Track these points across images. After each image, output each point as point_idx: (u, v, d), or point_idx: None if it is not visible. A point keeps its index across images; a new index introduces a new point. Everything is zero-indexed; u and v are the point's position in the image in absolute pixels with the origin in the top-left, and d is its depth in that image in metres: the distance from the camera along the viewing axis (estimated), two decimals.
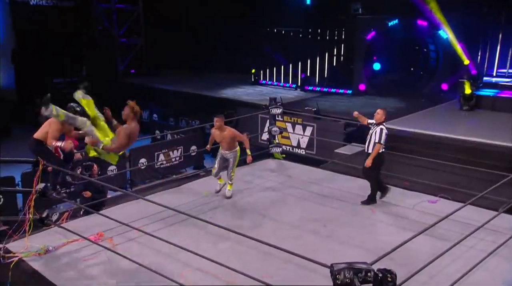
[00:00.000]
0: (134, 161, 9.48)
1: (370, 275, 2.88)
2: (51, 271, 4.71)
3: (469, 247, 5.46)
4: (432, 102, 12.46)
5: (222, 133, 6.70)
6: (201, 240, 5.42)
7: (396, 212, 6.54)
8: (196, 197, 6.93)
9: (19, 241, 5.17)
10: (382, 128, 6.49)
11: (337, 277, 2.89)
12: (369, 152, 6.54)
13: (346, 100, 13.16)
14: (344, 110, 11.68)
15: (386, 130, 6.52)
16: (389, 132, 6.70)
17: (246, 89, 14.77)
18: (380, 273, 2.69)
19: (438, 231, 5.40)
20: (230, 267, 4.17)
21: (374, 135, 6.50)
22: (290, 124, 10.88)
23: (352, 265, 2.97)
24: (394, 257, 4.76)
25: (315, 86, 14.49)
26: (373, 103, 12.72)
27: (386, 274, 2.68)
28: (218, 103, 13.16)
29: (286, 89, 14.98)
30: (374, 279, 2.71)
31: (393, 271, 2.74)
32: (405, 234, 5.64)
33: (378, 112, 6.61)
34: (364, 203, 6.64)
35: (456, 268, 5.00)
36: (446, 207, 6.54)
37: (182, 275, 4.67)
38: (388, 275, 2.66)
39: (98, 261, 4.95)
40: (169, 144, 10.78)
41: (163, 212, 6.20)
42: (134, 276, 4.62)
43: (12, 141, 13.84)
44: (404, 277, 4.49)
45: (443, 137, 9.34)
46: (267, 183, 7.52)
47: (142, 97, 15.39)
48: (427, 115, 11.35)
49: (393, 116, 11.04)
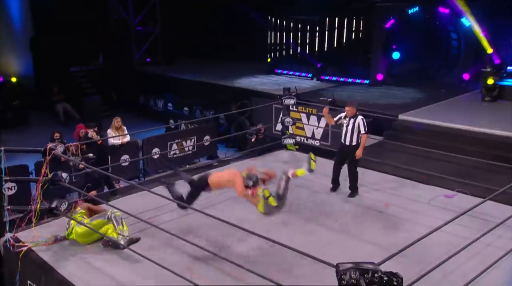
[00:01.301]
0: (147, 150, 9.45)
1: (377, 276, 2.75)
2: (60, 261, 4.71)
3: (486, 244, 5.25)
4: (453, 93, 12.10)
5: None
6: (210, 233, 5.34)
7: (412, 207, 6.36)
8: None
9: (28, 231, 5.19)
10: (362, 118, 6.52)
11: (342, 278, 2.78)
12: (350, 144, 6.54)
13: (363, 90, 12.88)
14: (361, 101, 11.40)
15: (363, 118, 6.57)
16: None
17: (261, 79, 14.58)
18: (386, 276, 2.55)
19: (455, 227, 5.16)
20: (241, 265, 4.05)
21: (356, 127, 6.48)
22: (305, 115, 10.69)
23: (359, 265, 2.84)
24: (407, 254, 4.62)
25: (332, 76, 14.22)
26: (391, 93, 12.43)
27: (392, 277, 2.54)
28: (232, 93, 13.03)
29: (302, 78, 14.75)
30: (379, 282, 2.58)
31: (399, 275, 2.60)
32: (420, 229, 5.48)
33: (348, 109, 6.55)
34: (352, 195, 6.58)
35: (471, 266, 4.82)
36: (463, 202, 6.33)
37: (189, 268, 4.62)
38: (394, 278, 2.52)
39: (106, 252, 4.92)
40: (183, 134, 10.72)
41: (170, 204, 6.16)
42: (141, 268, 4.58)
43: (29, 129, 14.02)
44: (417, 275, 4.37)
45: (463, 130, 9.04)
46: (279, 174, 7.37)
47: (157, 86, 15.45)
48: (447, 106, 11.02)
49: (411, 107, 10.79)
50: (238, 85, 13.67)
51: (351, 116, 6.53)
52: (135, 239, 4.99)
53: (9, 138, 12.34)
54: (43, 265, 4.63)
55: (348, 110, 6.56)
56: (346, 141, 6.59)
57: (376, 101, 11.41)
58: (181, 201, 5.03)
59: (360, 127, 6.47)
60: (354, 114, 6.52)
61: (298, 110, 10.64)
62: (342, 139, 6.70)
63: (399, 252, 3.92)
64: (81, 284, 4.31)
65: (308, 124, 10.61)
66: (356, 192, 6.63)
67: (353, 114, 6.53)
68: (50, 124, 13.91)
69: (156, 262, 4.33)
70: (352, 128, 6.51)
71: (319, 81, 14.22)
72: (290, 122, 8.53)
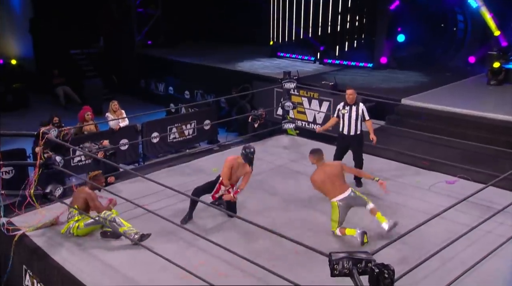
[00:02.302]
0: (146, 134, 9.36)
1: (371, 266, 2.68)
2: (54, 247, 4.68)
3: (486, 231, 5.18)
4: (458, 77, 11.86)
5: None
6: (207, 220, 5.28)
7: (411, 193, 6.27)
8: (204, 174, 6.78)
9: (23, 216, 5.15)
10: (363, 105, 6.29)
11: (335, 267, 2.70)
12: (355, 134, 6.27)
13: (366, 74, 12.66)
14: (363, 85, 11.24)
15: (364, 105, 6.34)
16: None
17: (263, 62, 14.38)
18: (377, 268, 2.47)
19: (455, 214, 5.09)
20: (236, 253, 3.99)
21: (360, 114, 6.21)
22: (306, 99, 10.53)
23: (352, 254, 2.77)
24: (406, 241, 4.57)
25: (335, 59, 13.98)
26: (395, 77, 12.22)
27: (383, 269, 2.46)
28: (233, 77, 12.85)
29: (304, 62, 14.52)
30: (370, 274, 2.50)
31: (391, 266, 2.52)
32: (419, 216, 5.39)
33: (350, 94, 6.24)
34: (360, 185, 6.30)
35: (470, 254, 4.75)
36: (465, 188, 6.23)
37: (184, 253, 4.57)
38: (385, 270, 2.44)
39: (101, 238, 4.88)
40: (182, 117, 10.59)
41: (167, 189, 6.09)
42: (135, 255, 4.54)
43: (30, 112, 13.90)
44: (415, 262, 4.31)
45: (467, 114, 8.87)
46: (278, 160, 7.31)
47: (158, 70, 15.28)
48: (451, 90, 10.82)
49: (415, 91, 10.61)
50: (240, 68, 13.49)
51: (351, 103, 6.21)
52: (146, 235, 4.72)
53: (9, 122, 12.26)
54: (37, 251, 4.60)
55: (350, 94, 6.21)
56: (350, 131, 6.22)
57: (379, 85, 11.23)
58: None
59: (364, 114, 6.19)
60: (355, 102, 6.23)
61: (299, 94, 10.48)
62: (342, 129, 6.29)
63: (397, 239, 3.85)
64: (75, 270, 4.28)
65: (309, 108, 10.46)
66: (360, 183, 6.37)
67: (353, 101, 6.22)
68: (51, 108, 13.81)
69: (150, 249, 4.28)
70: (355, 116, 6.17)
71: (321, 65, 14.00)
72: (290, 106, 8.41)
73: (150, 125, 9.58)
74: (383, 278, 2.41)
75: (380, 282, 2.41)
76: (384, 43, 13.26)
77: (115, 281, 4.15)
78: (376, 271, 2.45)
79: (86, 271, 4.27)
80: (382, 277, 2.41)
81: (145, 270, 4.31)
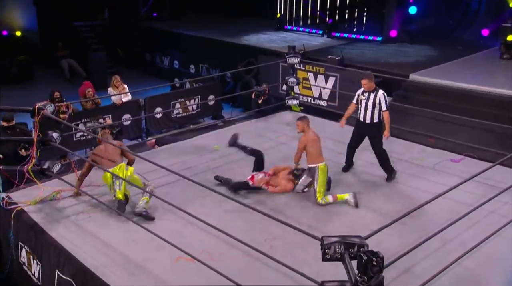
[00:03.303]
0: (149, 109, 9.27)
1: (363, 251, 2.60)
2: (51, 223, 4.67)
3: (490, 211, 5.07)
4: (470, 50, 11.51)
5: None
6: (206, 199, 5.22)
7: (415, 171, 6.16)
8: (206, 151, 6.71)
9: (21, 191, 5.15)
10: (383, 93, 5.82)
11: (326, 252, 2.63)
12: (371, 122, 5.85)
13: (375, 48, 12.33)
14: (371, 60, 10.97)
15: (385, 94, 5.86)
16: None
17: (270, 36, 14.07)
18: (365, 255, 2.39)
19: (459, 193, 4.91)
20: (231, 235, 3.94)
21: (377, 102, 5.76)
22: (312, 74, 10.30)
23: (345, 238, 2.69)
24: (407, 221, 4.49)
25: (343, 33, 13.64)
26: (404, 51, 11.90)
27: (372, 257, 2.38)
28: (238, 51, 12.59)
29: (312, 35, 14.19)
30: (358, 261, 2.43)
31: (380, 254, 2.44)
32: (421, 196, 5.30)
33: (365, 83, 5.84)
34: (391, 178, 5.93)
35: (472, 234, 4.66)
36: (470, 166, 6.12)
37: (180, 232, 4.54)
38: (374, 258, 2.36)
39: (98, 215, 4.86)
40: (186, 93, 10.46)
41: (169, 166, 6.04)
42: (133, 233, 4.51)
43: (35, 84, 13.82)
44: (415, 242, 4.24)
45: (477, 90, 8.61)
46: (280, 137, 7.19)
47: (163, 43, 15.05)
48: (462, 65, 10.50)
49: (424, 66, 10.32)
50: (246, 42, 13.21)
51: (369, 90, 5.84)
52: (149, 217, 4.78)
53: (13, 95, 12.27)
54: (34, 227, 4.60)
55: (364, 84, 5.83)
56: (366, 118, 5.86)
57: (387, 60, 10.93)
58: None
59: (381, 103, 5.77)
60: (373, 89, 5.85)
61: (305, 69, 10.26)
62: (359, 116, 5.98)
63: (397, 220, 3.77)
64: (71, 247, 4.28)
65: (315, 84, 10.25)
66: (393, 173, 5.91)
67: (371, 88, 5.84)
68: (55, 81, 13.76)
69: (145, 228, 4.26)
70: (372, 104, 5.79)
71: (329, 39, 13.67)
72: (294, 82, 8.23)
73: (153, 100, 9.49)
74: (371, 266, 2.34)
75: (368, 269, 2.34)
76: (394, 15, 12.85)
77: (110, 259, 4.15)
78: (365, 258, 2.37)
79: (82, 248, 4.27)
80: (371, 264, 2.34)
81: (141, 249, 4.30)
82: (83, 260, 4.08)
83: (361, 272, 2.38)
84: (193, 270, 3.95)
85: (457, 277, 4.10)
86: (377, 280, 2.33)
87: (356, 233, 4.52)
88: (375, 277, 2.33)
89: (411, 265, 4.20)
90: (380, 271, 2.36)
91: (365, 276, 2.34)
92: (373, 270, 2.32)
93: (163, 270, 4.04)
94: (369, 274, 2.34)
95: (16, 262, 4.90)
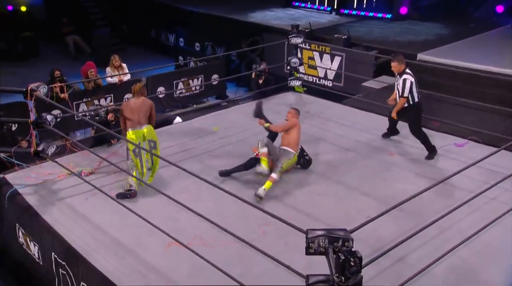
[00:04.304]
0: (151, 89, 9.17)
1: (348, 245, 2.53)
2: (45, 206, 4.68)
3: (490, 198, 4.94)
4: (482, 28, 11.13)
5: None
6: (201, 183, 5.15)
7: (416, 156, 6.02)
8: (205, 133, 6.64)
9: (17, 172, 5.16)
10: (405, 79, 5.74)
11: (310, 246, 2.56)
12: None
13: (384, 26, 11.99)
14: (378, 38, 10.68)
15: (411, 79, 5.76)
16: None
17: (277, 13, 13.74)
18: (343, 255, 2.32)
19: (459, 179, 4.76)
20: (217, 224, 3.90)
21: (397, 87, 5.82)
22: (318, 54, 10.07)
23: (330, 232, 2.62)
24: (405, 207, 4.40)
25: (352, 10, 13.28)
26: (414, 29, 11.55)
27: (349, 256, 2.30)
28: (243, 29, 12.34)
29: (320, 12, 13.83)
30: (335, 261, 2.35)
31: (358, 253, 2.36)
32: (420, 181, 5.20)
33: (394, 66, 5.86)
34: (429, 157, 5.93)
35: (471, 222, 4.56)
36: (474, 151, 5.97)
37: (173, 217, 4.52)
38: (352, 258, 2.29)
39: (93, 198, 4.85)
40: (189, 72, 10.32)
41: (168, 148, 6.01)
42: (127, 217, 4.49)
43: (40, 61, 13.72)
44: (411, 230, 4.17)
45: (486, 71, 8.32)
46: (281, 119, 7.03)
47: (169, 20, 14.81)
48: (473, 43, 10.16)
49: (434, 44, 10.02)
50: (252, 19, 12.93)
51: (398, 72, 5.86)
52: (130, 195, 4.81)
53: (17, 71, 12.26)
54: (28, 209, 4.61)
55: (394, 67, 5.87)
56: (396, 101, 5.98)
57: (395, 39, 10.62)
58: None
59: (400, 88, 5.78)
60: (402, 71, 5.84)
61: (310, 48, 10.03)
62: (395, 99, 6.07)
63: (393, 208, 3.68)
64: (64, 231, 4.28)
65: (321, 63, 10.03)
66: (433, 152, 5.94)
67: (399, 70, 5.85)
68: (61, 58, 13.67)
69: (138, 214, 4.23)
70: (396, 87, 5.87)
71: (338, 16, 13.33)
72: (296, 63, 8.04)
73: (155, 79, 9.39)
74: (349, 266, 2.26)
75: (345, 270, 2.26)
76: None
77: (102, 243, 4.15)
78: (342, 258, 2.30)
79: (75, 232, 4.27)
80: (348, 264, 2.26)
81: (134, 234, 4.28)
82: (75, 244, 4.08)
83: (339, 272, 2.31)
84: (184, 255, 3.93)
85: (451, 266, 4.03)
86: (355, 280, 2.26)
87: (350, 219, 4.55)
88: (353, 278, 2.26)
89: (405, 253, 4.14)
90: (358, 272, 2.28)
91: (343, 276, 2.27)
92: (351, 271, 2.25)
93: (154, 255, 4.04)
94: (346, 275, 2.27)
95: (16, 242, 4.94)
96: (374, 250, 4.08)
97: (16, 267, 4.94)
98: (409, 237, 3.92)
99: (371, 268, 3.59)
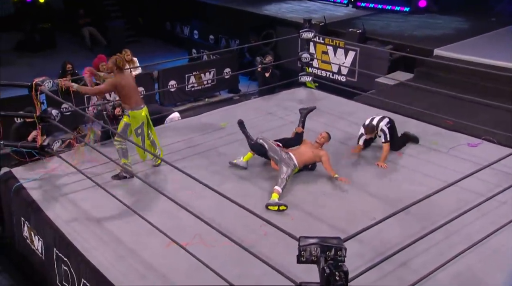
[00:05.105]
0: (163, 82, 9.17)
1: (341, 254, 2.46)
2: (49, 201, 4.70)
3: (501, 202, 4.78)
4: (504, 22, 10.78)
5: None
6: (207, 177, 5.15)
7: (427, 156, 5.86)
8: (212, 129, 6.59)
9: (24, 166, 5.21)
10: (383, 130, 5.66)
11: (302, 254, 2.50)
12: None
13: (401, 19, 11.71)
14: (395, 33, 10.44)
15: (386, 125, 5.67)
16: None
17: (292, 5, 13.56)
18: (328, 269, 2.24)
19: (470, 181, 4.53)
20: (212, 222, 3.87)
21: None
22: (332, 48, 9.91)
23: (323, 240, 2.55)
24: (411, 210, 4.29)
25: (369, 3, 13.00)
26: (432, 23, 11.25)
27: (334, 271, 2.22)
28: (257, 21, 12.20)
29: (336, 5, 13.59)
30: (321, 274, 2.27)
31: (345, 267, 2.28)
32: (429, 182, 5.06)
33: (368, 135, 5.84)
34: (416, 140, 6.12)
35: (479, 227, 4.41)
36: (488, 152, 5.76)
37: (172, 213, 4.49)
38: (337, 272, 2.21)
39: (96, 194, 4.87)
40: (201, 65, 10.28)
41: (172, 144, 6.00)
42: (129, 215, 4.48)
43: (57, 52, 13.80)
44: (416, 233, 4.07)
45: (504, 67, 8.06)
46: (290, 116, 6.95)
47: (183, 11, 14.76)
48: (493, 39, 9.87)
49: (452, 39, 9.75)
50: (267, 12, 12.78)
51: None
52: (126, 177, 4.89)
53: (34, 63, 12.40)
54: (32, 204, 4.65)
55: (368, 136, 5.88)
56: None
57: (412, 33, 10.35)
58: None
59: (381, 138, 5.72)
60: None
61: (324, 42, 9.87)
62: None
63: (400, 211, 3.59)
64: (65, 227, 4.30)
65: (335, 57, 9.87)
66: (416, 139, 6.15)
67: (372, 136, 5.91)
68: (78, 49, 13.75)
69: (138, 213, 4.22)
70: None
71: (354, 9, 13.07)
72: (307, 58, 7.90)
73: (167, 72, 9.38)
74: (333, 280, 2.19)
75: (330, 284, 2.19)
76: None
77: (102, 241, 4.15)
78: (327, 272, 2.22)
79: (76, 229, 4.28)
80: (333, 279, 2.19)
81: (135, 232, 4.27)
82: (74, 241, 4.09)
83: (325, 285, 2.24)
84: (184, 255, 3.90)
85: (456, 273, 3.91)
86: None
87: (355, 220, 4.47)
88: None
89: (409, 258, 4.03)
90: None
91: None
92: (336, 285, 2.18)
93: (153, 255, 4.02)
94: None
95: (21, 236, 5.01)
96: (378, 253, 4.00)
97: (21, 260, 5.01)
98: (414, 241, 3.82)
99: (373, 272, 3.53)
